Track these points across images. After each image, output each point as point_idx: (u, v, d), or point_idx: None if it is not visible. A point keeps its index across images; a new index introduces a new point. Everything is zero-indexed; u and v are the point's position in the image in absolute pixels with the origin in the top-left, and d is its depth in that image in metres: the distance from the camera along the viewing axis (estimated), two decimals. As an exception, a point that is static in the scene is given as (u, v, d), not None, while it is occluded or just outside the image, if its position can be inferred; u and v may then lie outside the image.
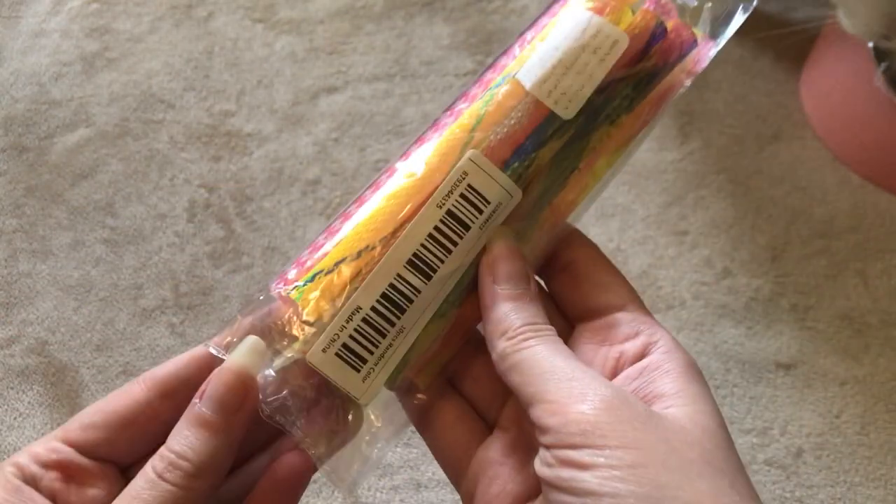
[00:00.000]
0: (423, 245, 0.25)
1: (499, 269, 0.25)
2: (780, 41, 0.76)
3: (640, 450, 0.22)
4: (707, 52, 0.27)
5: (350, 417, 0.26)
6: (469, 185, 0.25)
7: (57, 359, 0.62)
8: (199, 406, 0.24)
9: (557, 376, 0.23)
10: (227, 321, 0.25)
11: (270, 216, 0.68)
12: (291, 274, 0.26)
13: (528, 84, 0.25)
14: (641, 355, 0.26)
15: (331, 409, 0.26)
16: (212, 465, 0.23)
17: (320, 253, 0.26)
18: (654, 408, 0.24)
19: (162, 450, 0.24)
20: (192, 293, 0.64)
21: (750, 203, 0.68)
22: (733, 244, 0.66)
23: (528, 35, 0.28)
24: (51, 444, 0.25)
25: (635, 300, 0.27)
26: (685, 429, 0.23)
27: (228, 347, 0.25)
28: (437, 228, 0.25)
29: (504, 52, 0.28)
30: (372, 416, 0.27)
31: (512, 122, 0.25)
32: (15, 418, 0.60)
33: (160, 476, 0.23)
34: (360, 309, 0.25)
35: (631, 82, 0.26)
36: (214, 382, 0.24)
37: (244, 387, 0.24)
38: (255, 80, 0.74)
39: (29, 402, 0.61)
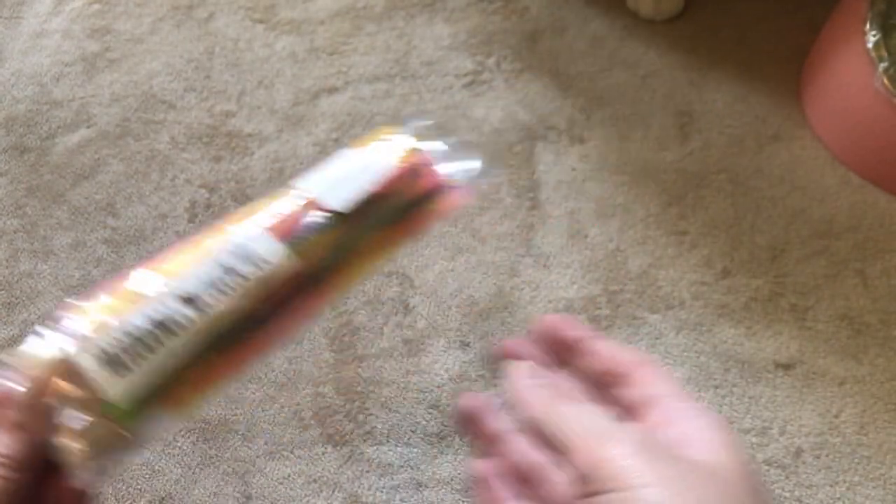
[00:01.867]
0: (201, 284, 0.30)
1: None
2: (780, 41, 0.77)
3: (674, 485, 0.23)
4: (459, 198, 0.35)
5: (105, 429, 0.30)
6: (251, 246, 0.31)
7: (58, 358, 0.62)
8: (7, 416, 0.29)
9: (585, 425, 0.26)
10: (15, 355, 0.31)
11: (271, 216, 0.68)
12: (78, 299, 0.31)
13: (306, 190, 0.32)
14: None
15: (89, 418, 0.30)
16: (20, 456, 0.28)
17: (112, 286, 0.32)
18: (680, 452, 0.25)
19: None
20: (192, 293, 0.65)
21: (750, 203, 0.68)
22: (733, 244, 0.66)
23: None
24: None
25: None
26: (714, 471, 0.24)
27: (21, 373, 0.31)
28: (217, 276, 0.30)
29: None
30: (122, 429, 0.30)
31: (294, 209, 0.32)
32: (16, 418, 0.60)
33: None
34: (132, 324, 0.29)
35: (393, 203, 0.33)
36: (17, 400, 0.29)
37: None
38: (256, 81, 0.75)
39: (30, 402, 0.61)
